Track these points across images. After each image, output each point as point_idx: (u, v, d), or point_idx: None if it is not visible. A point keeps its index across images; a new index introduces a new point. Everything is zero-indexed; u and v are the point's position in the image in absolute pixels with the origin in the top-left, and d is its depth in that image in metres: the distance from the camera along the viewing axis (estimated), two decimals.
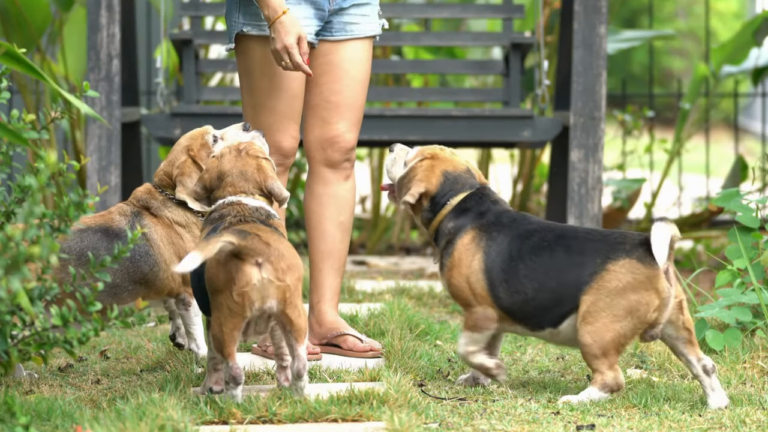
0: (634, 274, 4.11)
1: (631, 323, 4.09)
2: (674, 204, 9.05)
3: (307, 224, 4.88)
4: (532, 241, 4.25)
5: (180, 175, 4.42)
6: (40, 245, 3.25)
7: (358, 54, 4.81)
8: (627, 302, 4.09)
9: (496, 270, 4.25)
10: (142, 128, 7.88)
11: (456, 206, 4.35)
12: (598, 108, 6.66)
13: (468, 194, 4.36)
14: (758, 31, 8.11)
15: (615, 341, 4.10)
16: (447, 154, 4.43)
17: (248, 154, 4.23)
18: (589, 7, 6.66)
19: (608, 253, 4.15)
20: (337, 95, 4.79)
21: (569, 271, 4.17)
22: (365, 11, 4.81)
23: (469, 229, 4.32)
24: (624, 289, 4.10)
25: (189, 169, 4.41)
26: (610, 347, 4.10)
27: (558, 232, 4.26)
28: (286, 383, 4.07)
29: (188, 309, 4.48)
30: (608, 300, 4.11)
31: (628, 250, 4.14)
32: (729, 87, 11.58)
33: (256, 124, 4.73)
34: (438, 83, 8.79)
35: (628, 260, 4.12)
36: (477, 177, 4.41)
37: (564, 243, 4.22)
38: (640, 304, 4.09)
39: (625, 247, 4.15)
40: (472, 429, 3.80)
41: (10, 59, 3.70)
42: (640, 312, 4.09)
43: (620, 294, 4.10)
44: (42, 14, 7.62)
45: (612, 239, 4.19)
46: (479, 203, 4.35)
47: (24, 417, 3.60)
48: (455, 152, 4.45)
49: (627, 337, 4.11)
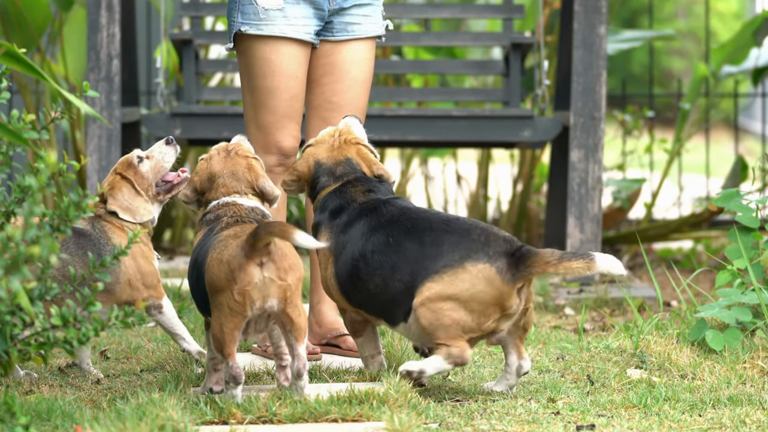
0: (489, 285, 4.01)
1: (473, 322, 4.04)
2: (674, 204, 9.05)
3: (309, 224, 4.89)
4: (377, 237, 4.17)
5: (110, 190, 4.58)
6: (40, 245, 3.25)
7: (359, 54, 4.80)
8: (470, 306, 4.02)
9: (342, 273, 4.22)
10: (142, 128, 7.88)
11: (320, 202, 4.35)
12: (598, 108, 6.66)
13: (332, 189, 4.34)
14: (758, 31, 8.11)
15: (454, 327, 4.03)
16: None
17: (237, 154, 4.25)
18: (589, 7, 6.66)
19: (469, 251, 4.02)
20: (338, 96, 4.79)
21: (418, 264, 4.08)
22: (367, 11, 4.80)
23: (323, 231, 4.30)
24: (473, 294, 4.02)
25: (119, 184, 4.57)
26: (451, 330, 4.04)
27: (412, 223, 4.14)
28: (286, 383, 4.07)
29: (162, 312, 4.52)
30: (453, 294, 4.02)
31: (491, 256, 4.01)
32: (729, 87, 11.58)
33: (256, 124, 4.73)
34: (438, 83, 8.79)
35: (488, 267, 4.01)
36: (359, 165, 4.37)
37: (416, 236, 4.11)
38: (482, 315, 4.02)
39: (489, 252, 4.02)
40: (472, 429, 3.79)
41: (10, 59, 3.70)
42: (480, 320, 4.03)
43: (468, 296, 4.02)
44: (42, 14, 7.62)
45: (475, 236, 4.05)
46: (336, 198, 4.32)
47: (24, 417, 3.60)
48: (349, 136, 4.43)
49: (467, 330, 4.04)
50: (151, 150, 4.62)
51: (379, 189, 4.31)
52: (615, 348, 4.79)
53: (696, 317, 4.86)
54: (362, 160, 4.38)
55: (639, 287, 6.48)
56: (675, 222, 7.93)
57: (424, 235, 4.10)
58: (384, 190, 4.33)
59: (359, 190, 4.30)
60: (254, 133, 4.73)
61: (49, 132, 6.99)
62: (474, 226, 4.09)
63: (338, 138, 4.39)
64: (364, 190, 4.30)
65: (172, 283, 6.20)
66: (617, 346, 4.80)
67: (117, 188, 4.56)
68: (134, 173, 4.56)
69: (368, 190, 4.30)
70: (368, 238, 4.18)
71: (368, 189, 4.30)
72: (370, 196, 4.28)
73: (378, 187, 4.32)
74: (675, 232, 7.88)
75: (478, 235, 4.05)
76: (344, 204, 4.28)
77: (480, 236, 4.05)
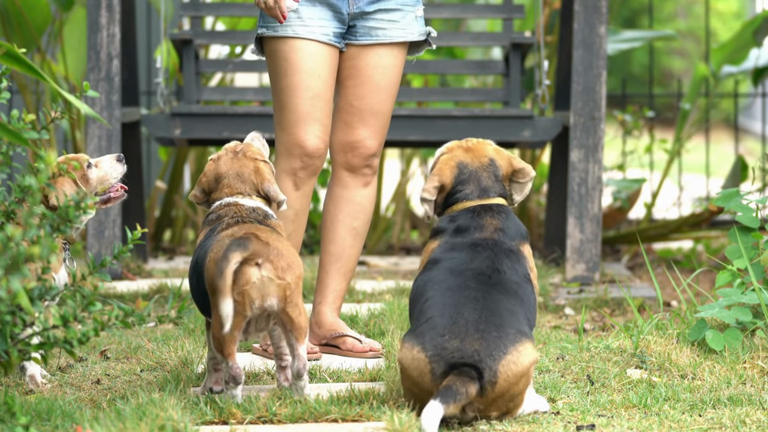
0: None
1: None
2: (674, 204, 9.05)
3: (322, 225, 4.89)
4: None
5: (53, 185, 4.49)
6: (40, 245, 3.25)
7: (383, 60, 4.77)
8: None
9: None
10: (142, 128, 7.88)
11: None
12: (598, 108, 6.66)
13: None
14: (758, 31, 8.11)
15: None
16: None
17: (245, 155, 4.25)
18: (589, 7, 6.66)
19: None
20: (360, 100, 4.77)
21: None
22: (394, 17, 4.77)
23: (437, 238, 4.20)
24: None
25: (62, 180, 4.48)
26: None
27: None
28: (286, 383, 4.07)
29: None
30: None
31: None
32: (729, 87, 11.58)
33: (280, 125, 4.71)
34: (438, 83, 8.79)
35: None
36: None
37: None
38: None
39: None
40: (472, 429, 3.79)
41: (10, 59, 3.70)
42: None
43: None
44: (42, 14, 7.62)
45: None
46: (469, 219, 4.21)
47: (24, 417, 3.60)
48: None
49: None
50: (100, 160, 4.58)
51: (510, 228, 4.12)
52: (615, 348, 4.78)
53: (696, 317, 4.86)
54: (500, 157, 4.24)
55: (639, 287, 6.48)
56: (675, 222, 7.93)
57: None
58: (513, 229, 4.12)
59: (491, 224, 4.11)
60: (279, 135, 4.73)
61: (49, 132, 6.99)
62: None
63: (466, 142, 4.26)
64: (497, 227, 4.10)
65: (172, 283, 6.19)
66: (617, 346, 4.80)
67: (59, 184, 4.45)
68: (80, 175, 4.51)
69: (500, 229, 4.10)
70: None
71: (500, 227, 4.10)
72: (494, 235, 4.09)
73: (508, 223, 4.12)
74: (675, 232, 7.88)
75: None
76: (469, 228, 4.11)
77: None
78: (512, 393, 3.77)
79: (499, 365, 3.72)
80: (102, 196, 4.59)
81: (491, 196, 4.18)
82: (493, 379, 3.72)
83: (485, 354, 3.72)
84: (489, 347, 3.73)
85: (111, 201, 4.61)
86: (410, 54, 4.88)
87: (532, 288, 4.03)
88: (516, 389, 3.77)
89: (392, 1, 4.75)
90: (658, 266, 7.43)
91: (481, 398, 3.72)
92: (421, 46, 4.87)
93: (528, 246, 4.14)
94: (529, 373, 3.80)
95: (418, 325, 3.86)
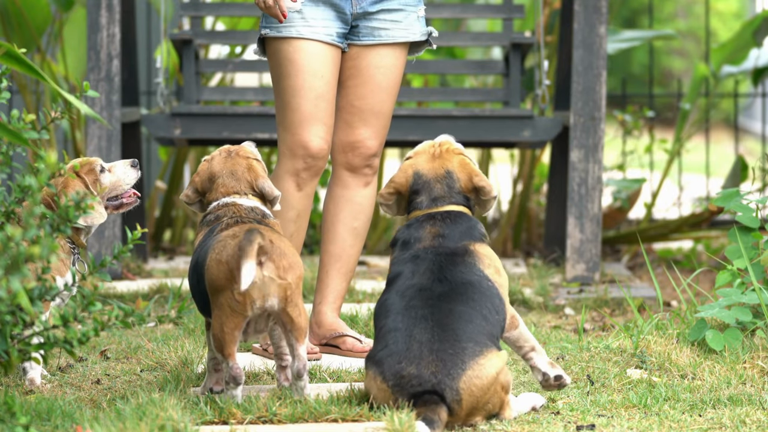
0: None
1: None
2: (674, 204, 9.05)
3: (322, 225, 4.89)
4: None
5: (64, 188, 4.44)
6: (40, 245, 3.25)
7: (385, 60, 4.77)
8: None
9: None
10: (142, 128, 7.88)
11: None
12: (598, 108, 6.66)
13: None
14: (758, 31, 8.11)
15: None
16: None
17: (238, 155, 4.26)
18: (589, 7, 6.66)
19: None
20: (361, 100, 4.77)
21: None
22: (397, 17, 4.77)
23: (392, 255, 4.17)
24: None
25: (73, 183, 4.44)
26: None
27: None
28: (286, 383, 4.07)
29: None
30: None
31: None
32: (729, 87, 11.58)
33: (283, 125, 4.71)
34: (438, 83, 8.78)
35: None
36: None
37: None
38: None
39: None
40: (472, 429, 3.79)
41: (10, 59, 3.70)
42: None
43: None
44: (42, 14, 7.62)
45: None
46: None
47: (24, 417, 3.60)
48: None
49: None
50: (114, 165, 4.58)
51: (452, 232, 4.02)
52: (615, 348, 4.78)
53: (696, 317, 4.86)
54: (462, 170, 4.12)
55: (639, 287, 6.48)
56: (675, 222, 7.93)
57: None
58: (458, 232, 4.02)
59: (431, 232, 4.03)
60: (282, 136, 4.72)
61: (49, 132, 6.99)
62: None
63: (438, 147, 4.16)
64: (435, 234, 4.02)
65: (172, 283, 6.19)
66: (617, 346, 4.80)
67: (71, 186, 4.45)
68: (93, 179, 4.50)
69: (439, 235, 4.02)
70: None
71: (440, 233, 4.01)
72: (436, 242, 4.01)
73: (454, 228, 4.02)
74: (675, 232, 7.88)
75: None
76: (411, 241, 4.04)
77: None
78: (485, 402, 3.74)
79: (460, 383, 3.69)
80: (114, 202, 4.58)
81: (442, 205, 4.07)
82: (457, 398, 3.69)
83: (443, 375, 3.70)
84: (446, 367, 3.70)
85: (123, 207, 4.59)
86: (410, 54, 4.88)
87: (491, 282, 3.92)
88: (487, 398, 3.73)
89: (395, 2, 4.75)
90: (658, 266, 7.43)
91: (453, 417, 3.72)
92: (421, 46, 4.87)
93: (484, 245, 4.01)
94: (500, 379, 3.74)
95: (377, 350, 3.83)
